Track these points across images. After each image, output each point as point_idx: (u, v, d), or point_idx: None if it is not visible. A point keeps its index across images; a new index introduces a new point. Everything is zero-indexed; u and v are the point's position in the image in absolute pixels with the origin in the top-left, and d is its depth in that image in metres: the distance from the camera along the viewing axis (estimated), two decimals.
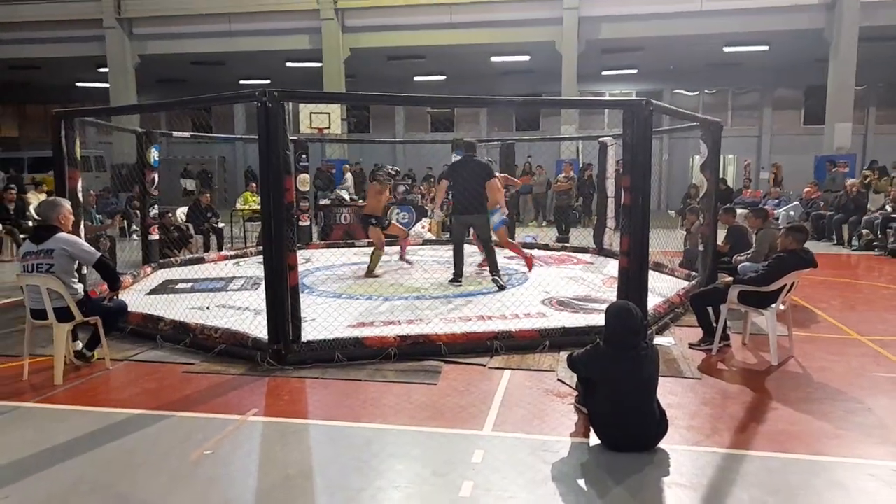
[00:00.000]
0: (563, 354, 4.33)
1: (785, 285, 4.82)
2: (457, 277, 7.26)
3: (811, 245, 5.35)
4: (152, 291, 7.03)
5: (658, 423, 3.35)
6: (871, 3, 15.31)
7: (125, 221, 12.89)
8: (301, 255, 6.48)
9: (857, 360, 4.88)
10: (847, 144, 15.99)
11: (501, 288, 6.94)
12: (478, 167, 7.11)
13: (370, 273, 7.84)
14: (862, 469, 3.15)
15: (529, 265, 7.96)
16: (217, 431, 3.56)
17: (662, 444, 3.33)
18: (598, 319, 4.30)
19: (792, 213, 12.58)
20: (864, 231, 11.02)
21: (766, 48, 17.74)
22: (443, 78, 21.48)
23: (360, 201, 12.55)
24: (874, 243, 10.72)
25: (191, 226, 10.41)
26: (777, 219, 11.57)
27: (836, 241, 11.71)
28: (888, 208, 11.32)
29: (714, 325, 5.04)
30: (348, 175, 15.90)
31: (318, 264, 8.86)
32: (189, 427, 3.64)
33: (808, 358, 4.89)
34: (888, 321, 6.09)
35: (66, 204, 4.68)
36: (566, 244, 10.87)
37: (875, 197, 12.75)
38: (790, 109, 21.87)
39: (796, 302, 6.27)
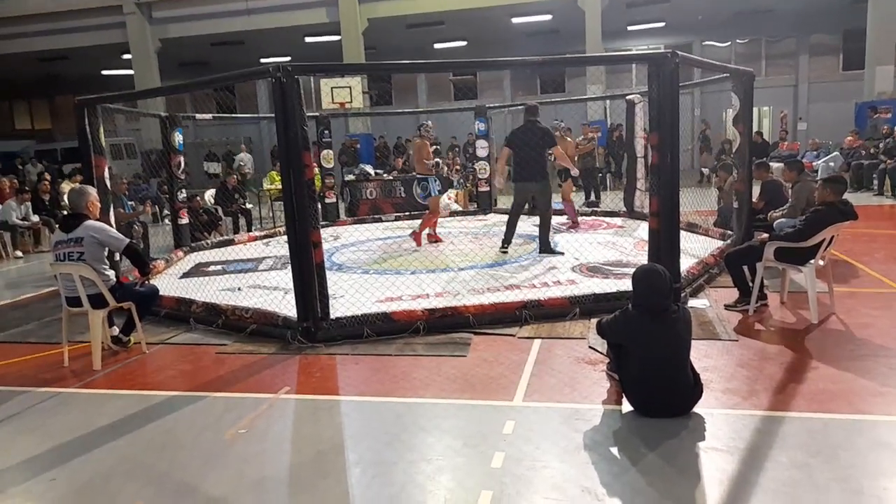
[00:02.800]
0: (594, 321, 4.26)
1: (824, 240, 4.63)
2: (505, 245, 7.24)
3: (850, 196, 5.13)
4: (185, 275, 7.15)
5: (692, 387, 3.27)
6: None
7: (156, 207, 13.12)
8: (329, 232, 6.48)
9: None
10: (889, 89, 15.26)
11: (557, 253, 7.03)
12: (541, 133, 6.95)
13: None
14: None
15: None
16: (251, 410, 3.61)
17: (698, 409, 3.26)
18: (629, 284, 4.21)
19: (832, 164, 12.12)
20: None
21: None
22: (464, 44, 21.10)
23: (386, 175, 12.54)
24: None
25: (219, 208, 10.52)
26: (816, 171, 11.17)
27: (877, 191, 11.26)
28: None
29: (750, 284, 4.89)
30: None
31: (346, 241, 8.88)
32: (223, 407, 3.70)
33: (850, 314, 4.73)
34: None
35: (93, 191, 4.73)
36: (596, 209, 10.67)
37: None
38: (827, 55, 20.93)
39: (836, 256, 6.05)
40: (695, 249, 6.44)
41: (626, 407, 3.34)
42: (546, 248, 7.02)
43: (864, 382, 3.55)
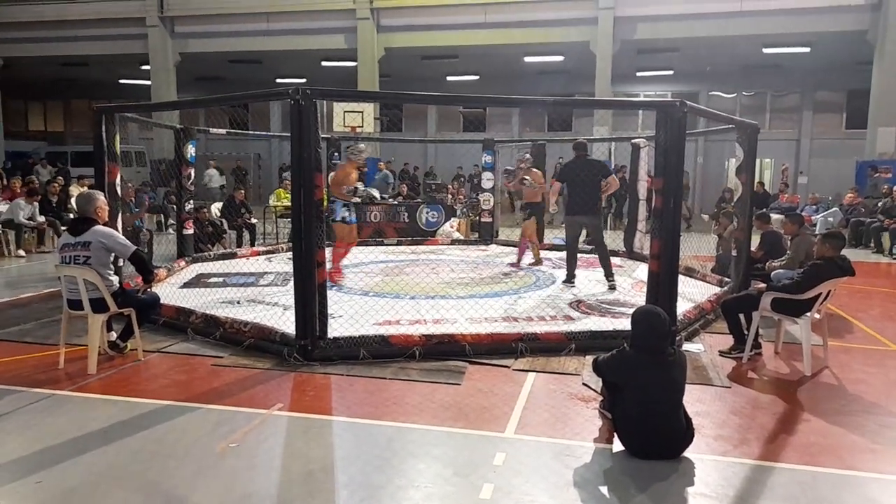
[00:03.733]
0: (589, 358, 4.29)
1: (820, 293, 4.69)
2: (570, 278, 7.29)
3: (849, 252, 5.20)
4: (186, 285, 7.18)
5: (684, 431, 3.30)
6: None
7: (162, 216, 13.22)
8: (331, 252, 6.53)
9: (895, 372, 4.72)
10: (890, 150, 15.47)
11: (613, 288, 7.04)
12: (596, 166, 7.15)
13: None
14: (894, 486, 3.05)
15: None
16: (243, 424, 3.62)
17: (688, 453, 3.28)
18: (626, 324, 4.25)
19: (830, 219, 12.24)
20: None
21: (807, 49, 17.30)
22: (476, 78, 21.46)
23: (391, 200, 12.66)
24: None
25: (225, 221, 10.60)
26: (815, 225, 11.28)
27: (875, 249, 11.35)
28: None
29: (745, 332, 4.93)
30: (385, 173, 15.72)
31: (346, 262, 8.91)
32: (216, 419, 3.71)
33: (844, 369, 4.76)
34: None
35: (101, 196, 4.79)
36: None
37: None
38: (831, 113, 21.27)
39: (832, 311, 6.10)
40: (692, 294, 6.49)
41: (618, 446, 3.36)
42: (610, 273, 7.14)
43: (854, 438, 3.57)
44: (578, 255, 7.50)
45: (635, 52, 17.89)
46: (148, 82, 19.35)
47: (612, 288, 7.02)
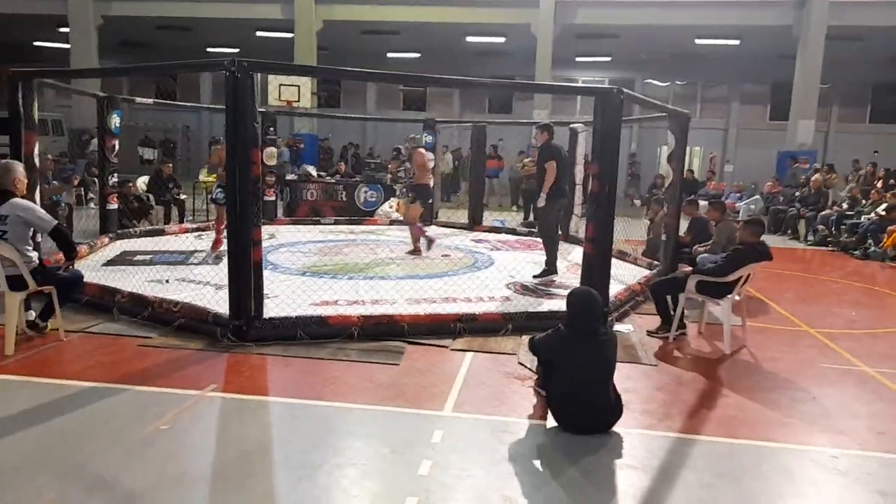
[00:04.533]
0: (525, 338, 4.39)
1: (741, 277, 4.95)
2: (551, 272, 6.82)
3: (768, 238, 5.50)
4: (109, 262, 6.88)
5: (613, 407, 3.44)
6: (840, 2, 15.63)
7: (82, 189, 12.54)
8: (266, 230, 6.39)
9: (805, 351, 5.06)
10: (809, 141, 16.42)
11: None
12: (565, 151, 7.07)
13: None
14: (805, 455, 3.28)
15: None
16: (174, 406, 3.52)
17: (617, 428, 3.42)
18: (562, 304, 4.35)
19: (752, 206, 12.87)
20: (820, 227, 11.36)
21: (736, 42, 18.01)
22: (417, 55, 21.25)
23: (329, 178, 12.47)
24: (828, 239, 11.07)
25: (151, 196, 10.16)
26: (738, 212, 11.85)
27: (792, 236, 12.05)
28: (844, 205, 11.69)
29: (672, 313, 5.16)
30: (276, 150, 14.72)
31: (282, 240, 8.75)
32: (145, 401, 3.59)
33: (760, 348, 5.06)
34: (837, 315, 6.33)
35: (20, 167, 4.51)
36: (533, 229, 10.93)
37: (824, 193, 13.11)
38: (757, 104, 22.30)
39: (751, 293, 6.45)
40: (623, 276, 6.71)
41: (551, 422, 3.47)
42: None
43: (768, 412, 3.81)
44: (523, 237, 7.42)
45: (575, 36, 18.14)
46: (66, 46, 18.14)
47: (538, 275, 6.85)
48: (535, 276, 6.77)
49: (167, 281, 6.04)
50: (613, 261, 5.63)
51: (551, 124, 7.20)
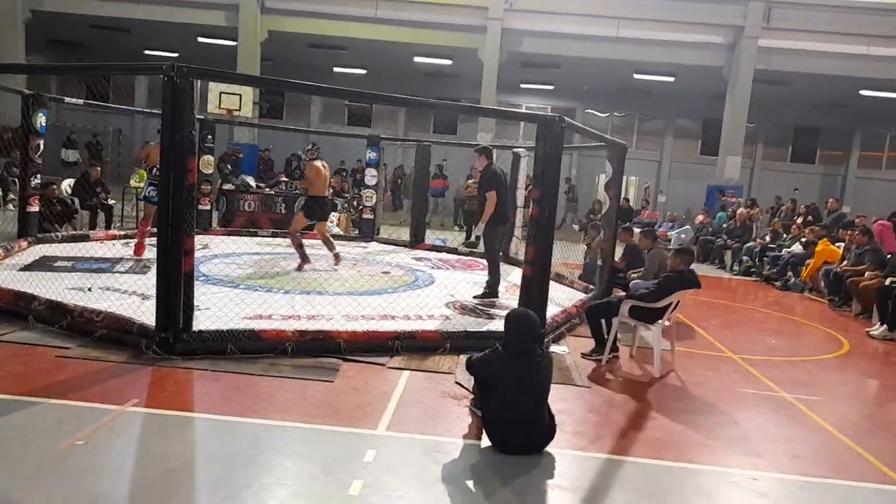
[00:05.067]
0: (463, 357, 4.39)
1: (671, 303, 5.13)
2: (492, 295, 6.77)
3: (697, 267, 5.73)
4: (27, 267, 6.49)
5: (547, 428, 3.47)
6: (767, 48, 16.67)
7: (1, 189, 11.85)
8: (199, 240, 6.19)
9: (728, 376, 5.28)
10: (736, 176, 17.32)
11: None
12: (506, 175, 7.08)
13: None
14: (725, 477, 3.40)
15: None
16: (92, 421, 3.32)
17: (550, 448, 3.45)
18: (500, 325, 4.39)
19: (683, 236, 13.43)
20: (745, 258, 11.95)
21: (671, 79, 18.89)
22: (363, 72, 21.26)
23: (268, 189, 12.22)
24: (752, 270, 11.64)
25: (76, 200, 9.69)
26: (669, 240, 12.33)
27: (719, 265, 12.62)
28: (766, 238, 12.34)
29: (606, 336, 5.28)
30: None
31: (216, 251, 8.49)
32: (60, 415, 3.38)
33: (687, 372, 5.24)
34: (758, 342, 6.64)
35: None
36: (474, 249, 11.03)
37: (748, 226, 13.83)
38: (689, 139, 23.41)
39: (680, 319, 6.69)
40: (560, 298, 6.83)
41: (486, 442, 3.47)
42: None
43: (692, 434, 3.94)
44: (464, 257, 7.44)
45: (521, 64, 18.60)
46: None
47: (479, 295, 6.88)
48: (475, 297, 6.80)
49: (90, 289, 5.74)
50: (551, 283, 5.73)
51: (490, 147, 7.22)
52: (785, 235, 12.23)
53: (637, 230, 8.82)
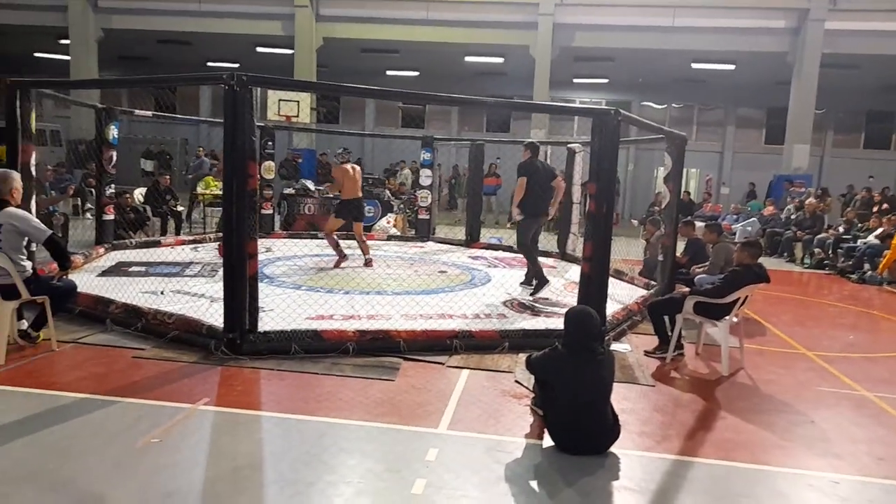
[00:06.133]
0: (522, 356, 4.36)
1: (738, 298, 4.94)
2: (543, 283, 6.87)
3: (765, 261, 5.50)
4: (104, 273, 6.83)
5: (611, 428, 3.40)
6: (834, 30, 15.84)
7: (79, 199, 12.52)
8: (261, 243, 6.37)
9: (803, 373, 5.04)
10: (804, 165, 16.54)
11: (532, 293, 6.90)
12: (548, 168, 7.14)
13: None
14: (802, 480, 3.25)
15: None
16: (165, 419, 3.47)
17: (614, 449, 3.38)
18: (558, 323, 4.33)
19: (749, 228, 12.92)
20: (817, 250, 11.39)
21: (731, 67, 18.20)
22: (416, 74, 21.40)
23: (329, 193, 12.47)
24: (825, 262, 11.10)
25: (148, 208, 10.14)
26: (734, 234, 11.89)
27: (788, 258, 12.08)
28: (840, 229, 11.73)
29: (669, 333, 5.13)
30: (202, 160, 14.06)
31: (278, 254, 8.72)
32: (136, 414, 3.54)
33: (758, 370, 5.03)
34: (834, 338, 6.32)
35: (17, 177, 4.48)
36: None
37: (819, 216, 13.17)
38: (752, 128, 22.49)
39: (748, 315, 6.44)
40: (620, 295, 6.70)
41: (548, 442, 3.42)
42: (532, 280, 7.05)
43: (765, 435, 3.78)
44: (513, 255, 7.50)
45: (573, 59, 18.31)
46: (66, 57, 18.18)
47: (532, 292, 6.91)
48: (531, 294, 6.76)
49: (162, 292, 6.00)
50: (611, 280, 5.62)
51: (536, 143, 7.24)
52: (860, 225, 11.60)
53: (699, 224, 8.54)
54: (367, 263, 8.06)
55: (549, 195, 7.03)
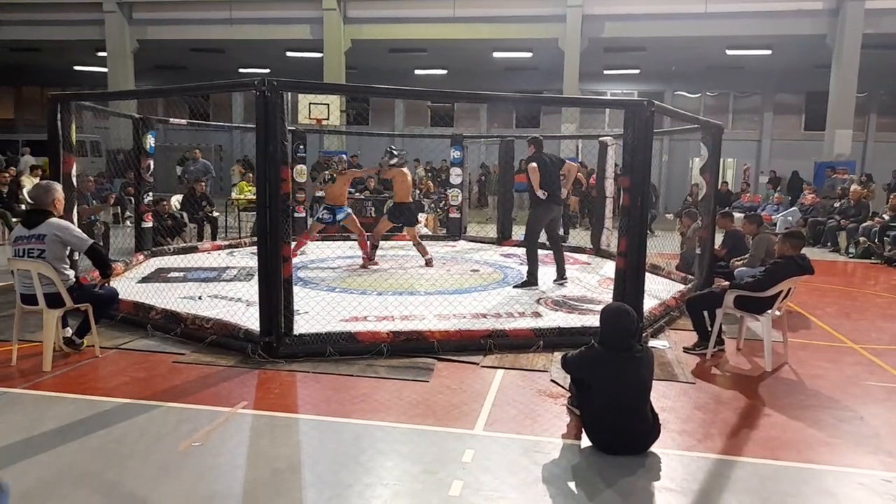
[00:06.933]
0: (557, 355, 4.31)
1: (781, 291, 4.80)
2: (531, 283, 6.95)
3: (807, 251, 5.34)
4: (144, 279, 6.99)
5: (651, 427, 3.33)
6: (875, 10, 15.26)
7: (119, 208, 12.85)
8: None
9: (850, 368, 4.87)
10: (847, 151, 15.98)
11: (562, 285, 7.07)
12: (556, 159, 7.17)
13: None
14: (852, 478, 3.13)
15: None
16: (206, 423, 3.53)
17: (654, 448, 3.32)
18: (594, 320, 4.27)
19: (790, 218, 12.57)
20: (862, 239, 11.01)
21: (768, 52, 17.71)
22: (444, 72, 21.39)
23: (358, 194, 12.56)
24: (871, 251, 10.72)
25: (185, 214, 10.35)
26: (775, 224, 11.58)
27: (832, 248, 11.71)
28: (886, 217, 11.32)
29: (709, 329, 5.02)
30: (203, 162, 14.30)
31: (312, 257, 8.81)
32: (178, 417, 3.61)
33: (802, 365, 4.88)
34: (882, 330, 6.09)
35: (59, 188, 4.62)
36: (565, 243, 10.82)
37: (864, 204, 12.72)
38: (791, 114, 21.85)
39: (792, 308, 6.25)
40: (657, 291, 6.58)
41: (586, 442, 3.38)
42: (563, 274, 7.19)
43: (812, 432, 3.66)
44: (545, 252, 7.49)
45: (603, 50, 18.05)
46: (104, 69, 18.71)
47: (562, 284, 7.07)
48: (514, 286, 6.93)
49: (200, 298, 6.11)
50: (647, 275, 5.52)
51: (540, 138, 7.22)
52: None
53: (738, 215, 8.33)
54: (428, 263, 8.15)
55: (559, 186, 7.03)
